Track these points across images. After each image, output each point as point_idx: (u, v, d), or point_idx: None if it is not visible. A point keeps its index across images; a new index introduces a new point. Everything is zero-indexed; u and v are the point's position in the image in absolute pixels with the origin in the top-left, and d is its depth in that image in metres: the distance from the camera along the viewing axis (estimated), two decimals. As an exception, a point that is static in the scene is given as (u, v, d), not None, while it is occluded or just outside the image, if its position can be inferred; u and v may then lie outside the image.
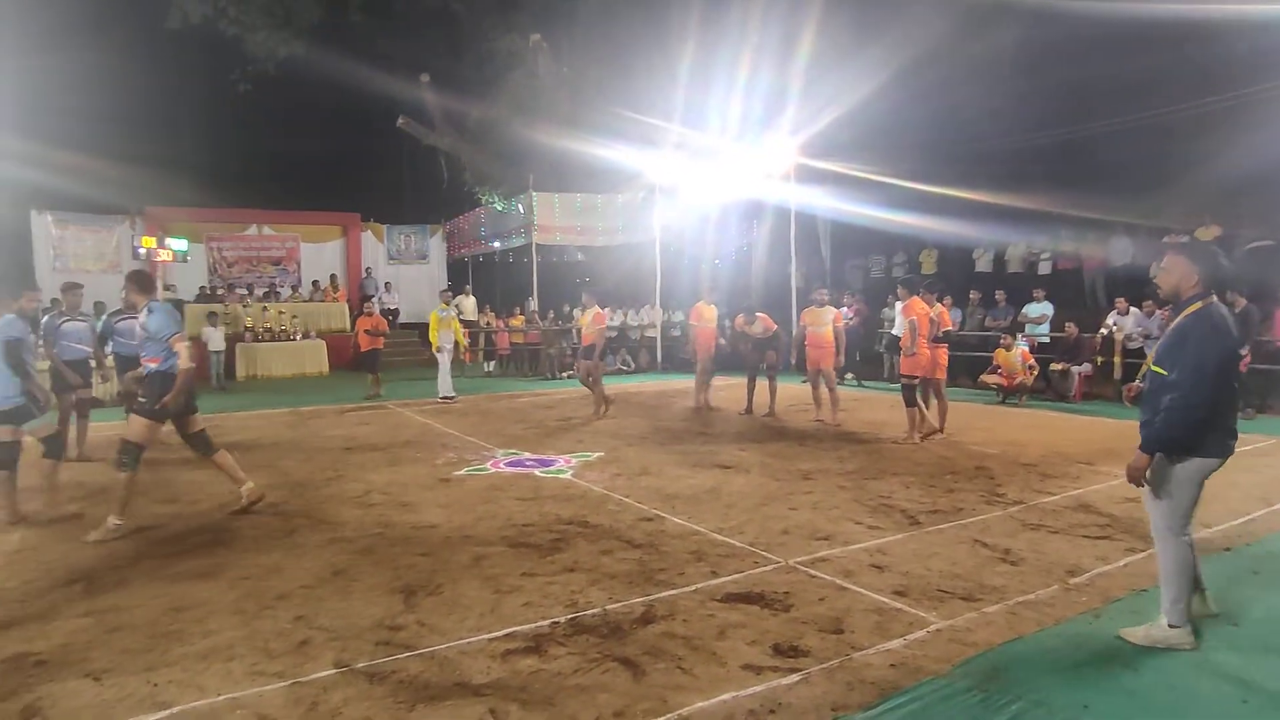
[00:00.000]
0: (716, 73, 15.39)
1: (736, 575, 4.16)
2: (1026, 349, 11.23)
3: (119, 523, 5.01)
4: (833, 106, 14.01)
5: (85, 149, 17.77)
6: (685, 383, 14.23)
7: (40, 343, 7.17)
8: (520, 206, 18.11)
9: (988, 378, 11.32)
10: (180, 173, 19.67)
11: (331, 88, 19.32)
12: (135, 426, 5.19)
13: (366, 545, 4.76)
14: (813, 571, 4.19)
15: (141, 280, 5.68)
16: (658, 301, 17.45)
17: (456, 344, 12.74)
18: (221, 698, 2.93)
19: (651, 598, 3.85)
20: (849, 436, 8.45)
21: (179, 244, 15.73)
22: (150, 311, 5.32)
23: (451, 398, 12.02)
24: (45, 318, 7.87)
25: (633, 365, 16.71)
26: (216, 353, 14.91)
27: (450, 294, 13.48)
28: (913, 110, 14.21)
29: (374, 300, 15.78)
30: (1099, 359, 11.40)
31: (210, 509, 5.76)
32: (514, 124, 17.87)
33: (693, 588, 3.99)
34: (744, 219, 18.30)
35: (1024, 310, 12.81)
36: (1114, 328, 11.22)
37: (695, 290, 18.06)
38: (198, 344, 13.40)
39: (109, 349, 8.13)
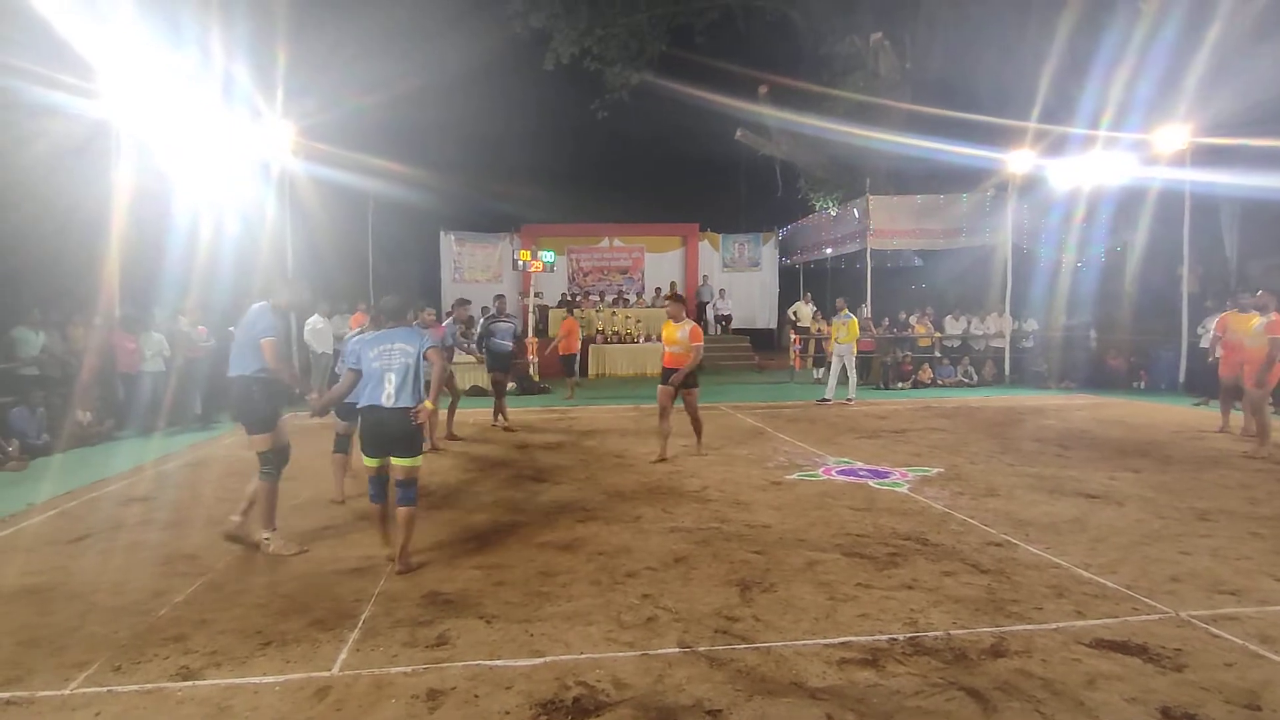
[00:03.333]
0: (1098, 49, 13.53)
1: (1109, 620, 3.63)
2: None
3: None
4: (1252, 63, 11.40)
5: (479, 176, 21.23)
6: (1036, 399, 12.81)
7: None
8: (856, 211, 17.73)
9: None
10: (549, 193, 22.57)
11: (675, 107, 20.76)
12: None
13: (704, 537, 5.00)
14: (1215, 630, 3.49)
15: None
16: (1007, 309, 15.93)
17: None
18: (583, 656, 3.28)
19: (1003, 629, 3.51)
20: (1269, 472, 6.91)
21: (547, 255, 17.99)
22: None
23: (826, 400, 12.23)
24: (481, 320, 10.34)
25: (975, 378, 15.42)
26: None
27: (842, 301, 13.39)
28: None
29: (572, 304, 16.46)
30: None
31: (569, 489, 6.47)
32: (851, 128, 17.54)
33: (1053, 626, 3.56)
34: (1116, 216, 15.92)
35: None
36: None
37: (1050, 297, 16.24)
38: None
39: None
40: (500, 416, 10.02)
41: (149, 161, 10.42)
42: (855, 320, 12.61)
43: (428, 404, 4.55)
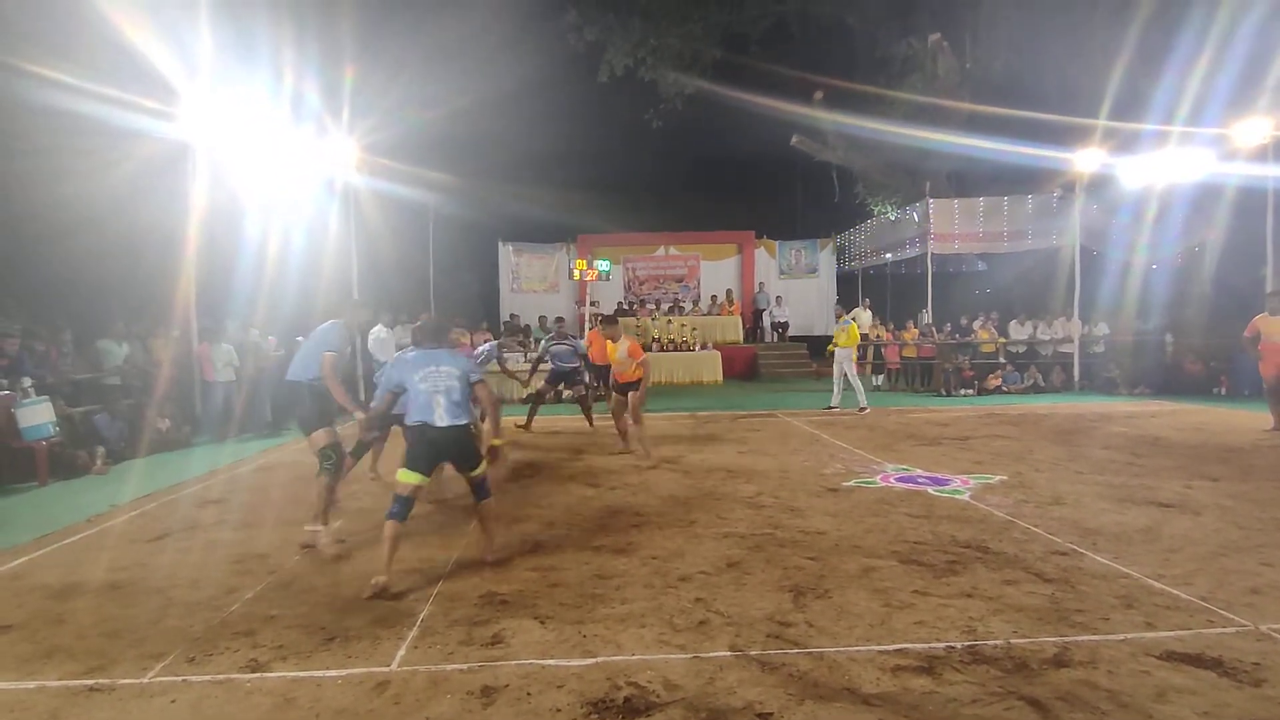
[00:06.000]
0: (1172, 41, 13.02)
1: (1181, 632, 3.48)
2: None
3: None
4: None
5: (535, 187, 21.56)
6: (1107, 406, 12.36)
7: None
8: (915, 215, 17.42)
9: None
10: (605, 202, 22.75)
11: (730, 114, 20.73)
12: None
13: (757, 543, 4.98)
14: (1297, 644, 3.33)
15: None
16: (1075, 313, 15.40)
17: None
18: (635, 657, 3.31)
19: (1066, 639, 3.41)
20: (1354, 482, 6.53)
21: (603, 265, 18.15)
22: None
23: (864, 409, 12.00)
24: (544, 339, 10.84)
25: (1043, 384, 14.95)
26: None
27: (840, 308, 13.43)
28: None
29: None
30: None
31: (624, 494, 6.50)
32: (909, 130, 17.25)
33: (1120, 637, 3.43)
34: (1191, 214, 15.24)
35: None
36: None
37: (1121, 300, 15.67)
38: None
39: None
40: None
41: (223, 180, 10.92)
42: (854, 326, 12.38)
43: (495, 440, 4.84)
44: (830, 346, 12.67)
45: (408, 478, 4.40)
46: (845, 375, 12.16)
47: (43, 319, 10.04)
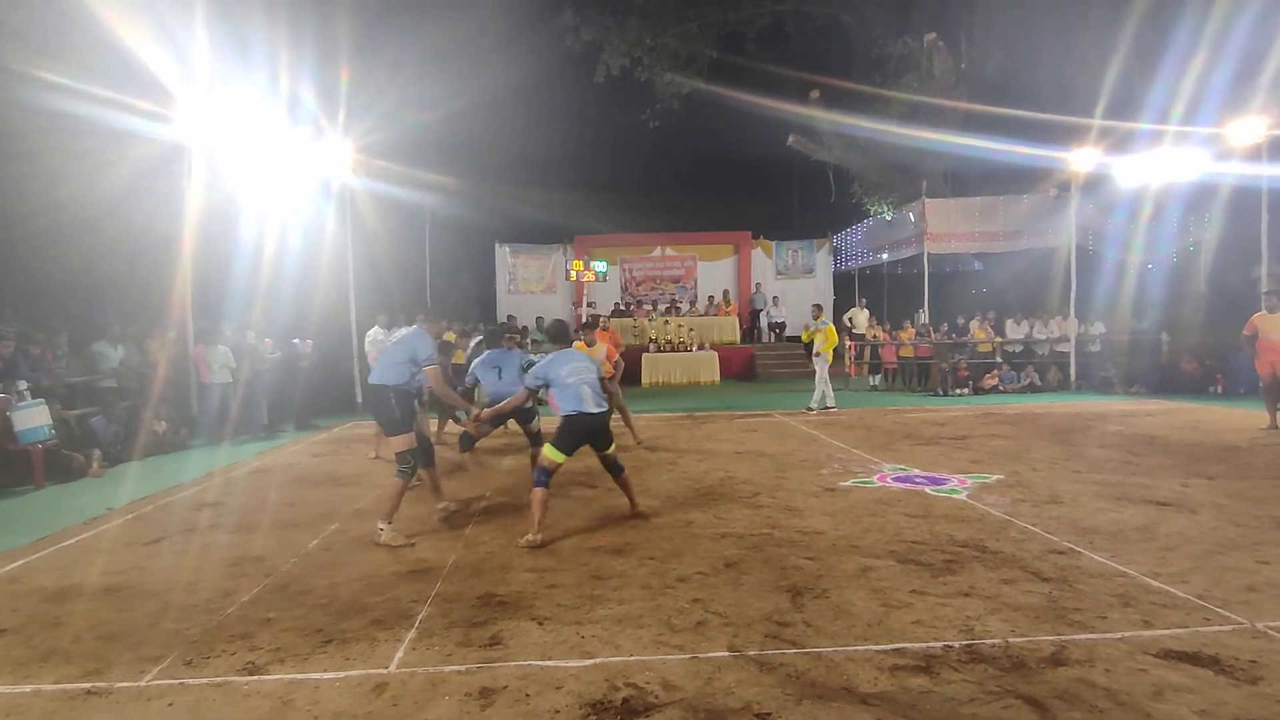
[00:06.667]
0: (1166, 40, 13.06)
1: (1178, 630, 3.49)
2: None
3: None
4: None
5: (532, 188, 21.58)
6: (1103, 404, 12.39)
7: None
8: (911, 215, 17.44)
9: None
10: (602, 203, 22.77)
11: (726, 114, 20.77)
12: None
13: (755, 543, 4.98)
14: (1293, 641, 3.34)
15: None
16: (1072, 312, 15.43)
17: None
18: (633, 658, 3.30)
19: (1064, 638, 3.41)
20: (1350, 480, 6.55)
21: (600, 266, 18.18)
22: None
23: (812, 409, 12.17)
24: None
25: (1040, 383, 14.97)
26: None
27: (818, 308, 13.44)
28: None
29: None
30: None
31: (621, 495, 6.47)
32: (905, 130, 17.29)
33: (1118, 635, 3.44)
34: (1186, 214, 15.28)
35: None
36: None
37: (1116, 299, 15.72)
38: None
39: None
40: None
41: (219, 181, 10.89)
42: (831, 326, 12.49)
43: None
44: (805, 336, 12.81)
45: (555, 455, 5.27)
46: (835, 371, 12.30)
47: (38, 321, 10.01)
